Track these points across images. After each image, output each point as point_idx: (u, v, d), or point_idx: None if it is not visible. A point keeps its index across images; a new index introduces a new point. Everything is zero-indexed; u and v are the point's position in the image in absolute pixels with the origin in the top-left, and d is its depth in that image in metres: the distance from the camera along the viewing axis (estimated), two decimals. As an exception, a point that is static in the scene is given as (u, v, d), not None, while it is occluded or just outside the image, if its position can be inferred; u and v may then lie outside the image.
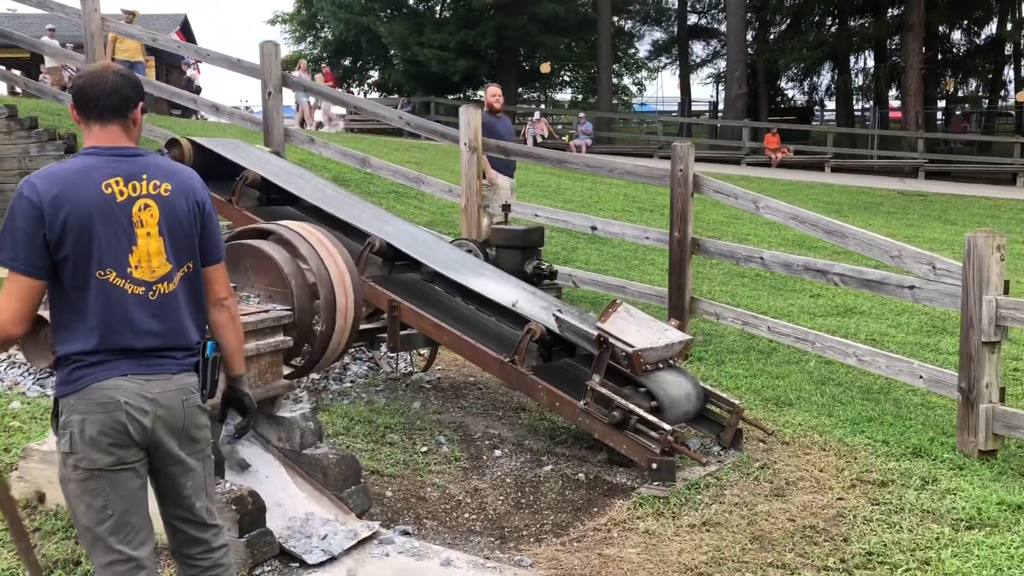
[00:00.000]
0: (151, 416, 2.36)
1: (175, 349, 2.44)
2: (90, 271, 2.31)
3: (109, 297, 2.33)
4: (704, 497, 4.18)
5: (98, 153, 2.39)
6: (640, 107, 42.52)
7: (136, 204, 2.37)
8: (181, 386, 2.44)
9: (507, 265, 5.97)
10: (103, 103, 2.39)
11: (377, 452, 4.68)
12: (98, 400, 2.31)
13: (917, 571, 3.47)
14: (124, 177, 2.37)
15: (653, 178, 7.17)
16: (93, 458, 2.31)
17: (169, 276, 2.42)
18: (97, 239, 2.31)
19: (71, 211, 2.28)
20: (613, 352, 4.56)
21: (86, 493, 2.33)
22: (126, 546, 2.35)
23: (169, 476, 2.46)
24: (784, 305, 8.67)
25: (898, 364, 5.46)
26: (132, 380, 2.35)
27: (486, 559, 3.62)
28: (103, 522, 2.33)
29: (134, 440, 2.34)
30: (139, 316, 2.36)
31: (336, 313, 4.09)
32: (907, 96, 26.09)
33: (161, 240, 2.40)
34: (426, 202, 11.76)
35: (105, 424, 2.31)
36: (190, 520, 2.52)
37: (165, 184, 2.43)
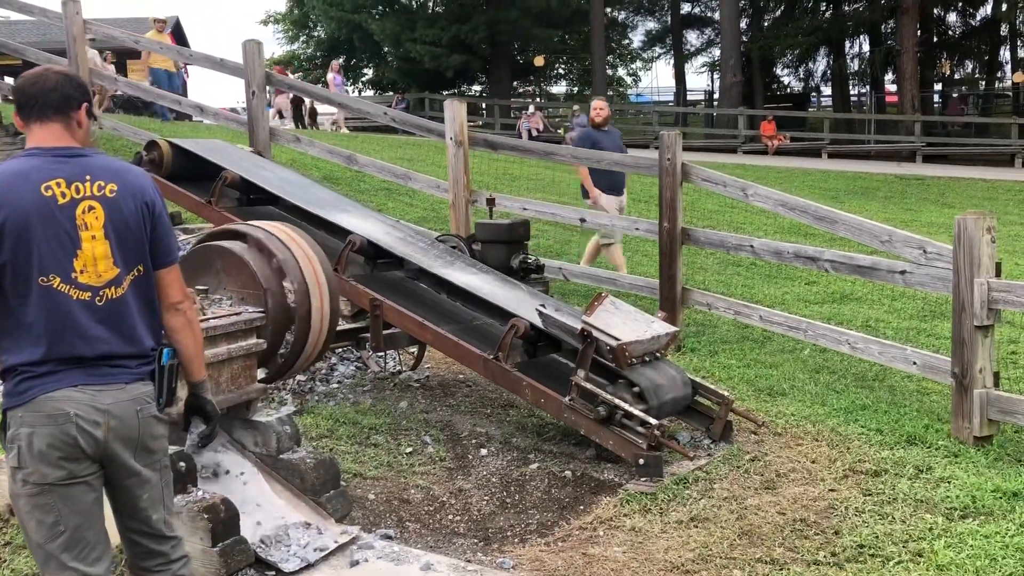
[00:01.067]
0: (103, 428, 2.28)
1: (127, 357, 2.35)
2: (31, 277, 2.23)
3: (54, 304, 2.25)
4: (692, 492, 4.09)
5: (39, 154, 2.30)
6: (636, 98, 42.36)
7: (80, 206, 2.28)
8: (135, 396, 2.35)
9: (493, 260, 5.87)
10: (42, 100, 2.31)
11: (361, 454, 4.60)
12: (47, 412, 2.23)
13: (909, 563, 3.38)
14: (67, 179, 2.28)
15: (641, 168, 7.08)
16: (43, 472, 2.23)
17: (117, 280, 2.34)
18: (37, 244, 2.22)
19: (8, 215, 2.20)
20: (598, 346, 4.47)
21: (36, 509, 2.25)
22: (80, 563, 2.27)
23: (125, 488, 2.38)
24: (779, 293, 8.58)
25: (891, 351, 5.36)
26: (83, 391, 2.27)
27: (467, 562, 3.54)
28: (55, 538, 2.25)
29: (86, 453, 2.26)
30: (87, 323, 2.28)
31: (311, 315, 4.00)
32: (903, 80, 25.94)
33: (107, 243, 2.31)
34: (417, 199, 11.66)
35: (55, 437, 2.23)
36: (147, 533, 2.45)
37: (111, 185, 2.34)
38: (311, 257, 4.10)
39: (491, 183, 12.37)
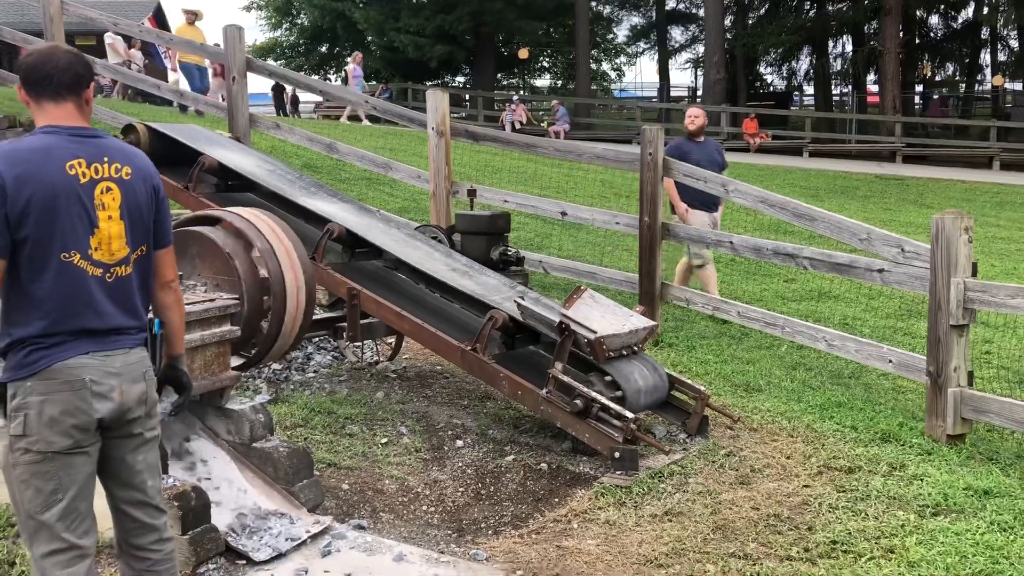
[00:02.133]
0: (117, 391, 2.35)
1: (129, 328, 2.43)
2: (52, 252, 2.27)
3: (72, 279, 2.30)
4: (667, 486, 4.09)
5: (56, 132, 2.33)
6: (619, 93, 42.39)
7: (98, 187, 2.34)
8: (139, 359, 2.45)
9: (472, 251, 5.85)
10: (56, 80, 2.34)
11: (335, 444, 4.56)
12: (63, 379, 2.28)
13: (881, 560, 3.40)
14: (86, 159, 2.34)
15: (622, 162, 7.06)
16: (50, 440, 2.27)
17: (126, 260, 2.41)
18: (60, 220, 2.27)
19: (35, 191, 2.23)
20: (576, 339, 4.46)
21: (36, 477, 2.28)
22: (71, 534, 2.31)
23: (125, 453, 2.43)
24: (757, 290, 8.61)
25: (867, 348, 5.39)
26: (94, 357, 2.34)
27: (440, 553, 3.52)
28: (51, 507, 2.29)
29: (97, 419, 2.32)
30: (100, 298, 2.35)
31: (287, 303, 3.96)
32: (885, 80, 26.10)
33: (122, 224, 2.38)
34: (398, 189, 11.60)
35: (70, 403, 2.28)
36: (142, 503, 2.47)
37: (126, 168, 2.41)
38: (286, 244, 4.06)
39: (472, 175, 12.32)
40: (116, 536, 2.49)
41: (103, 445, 2.38)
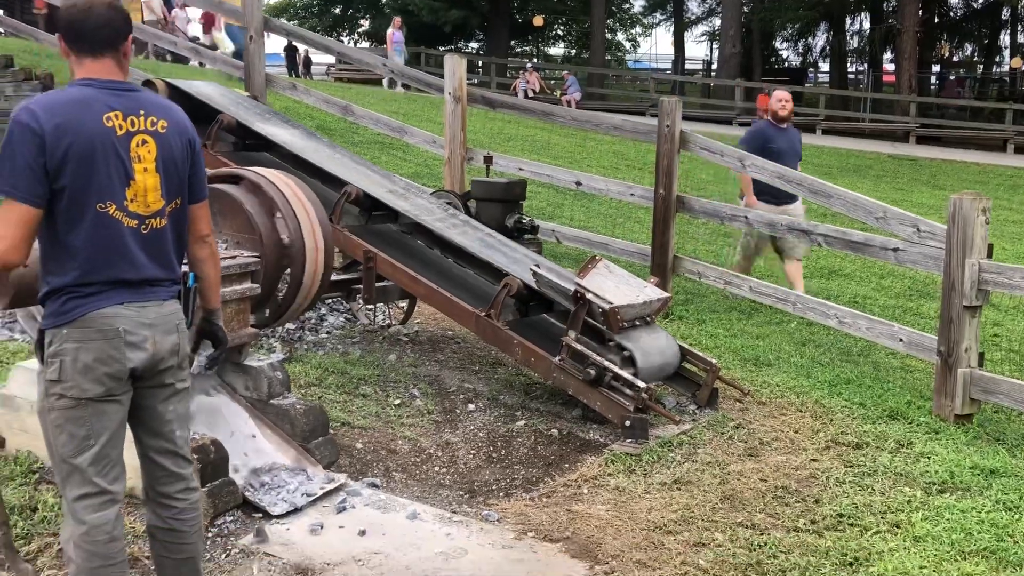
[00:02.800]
0: (150, 341, 2.38)
1: (163, 280, 2.46)
2: (88, 202, 2.29)
3: (107, 229, 2.33)
4: (677, 455, 4.14)
5: (94, 85, 2.35)
6: (633, 64, 42.07)
7: (134, 139, 2.36)
8: (173, 311, 2.48)
9: (487, 218, 5.86)
10: (95, 35, 2.36)
11: (349, 404, 4.62)
12: (97, 328, 2.32)
13: (887, 534, 3.45)
14: (123, 111, 2.36)
15: (640, 133, 7.05)
16: (84, 387, 2.31)
17: (161, 212, 2.43)
18: (97, 171, 2.29)
19: (73, 141, 2.25)
20: (590, 308, 4.49)
21: (69, 422, 2.32)
22: (102, 479, 2.36)
23: (154, 400, 2.47)
24: (767, 266, 8.62)
25: (879, 327, 5.41)
26: (129, 308, 2.37)
27: (453, 513, 3.58)
28: (83, 452, 2.33)
29: (130, 368, 2.36)
30: (134, 249, 2.37)
31: (306, 262, 3.99)
32: (902, 59, 25.84)
33: (157, 177, 2.40)
34: (411, 154, 11.60)
35: (103, 352, 2.31)
36: (170, 452, 2.52)
37: (162, 121, 2.43)
38: (307, 205, 4.08)
39: (486, 142, 12.30)
40: (144, 484, 2.54)
41: (135, 394, 2.43)
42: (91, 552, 2.31)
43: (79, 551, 2.32)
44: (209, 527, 3.26)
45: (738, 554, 3.25)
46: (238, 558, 3.13)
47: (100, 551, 2.32)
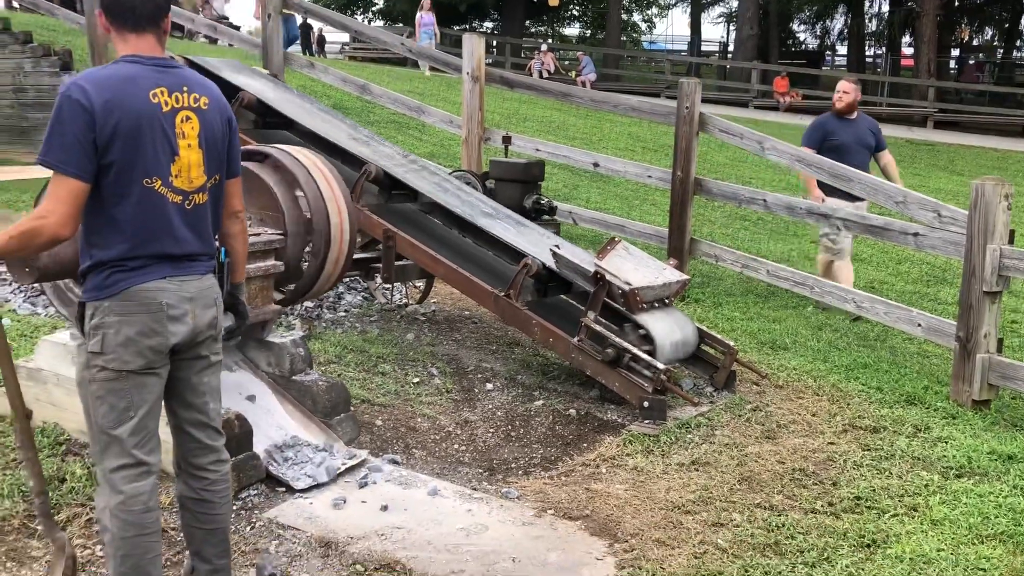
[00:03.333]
0: (190, 315, 2.43)
1: (202, 254, 2.50)
2: (135, 178, 2.33)
3: (153, 204, 2.36)
4: (694, 437, 4.17)
5: (139, 62, 2.39)
6: (649, 45, 41.82)
7: (179, 115, 2.40)
8: (210, 285, 2.53)
9: (506, 199, 5.87)
10: (138, 11, 2.39)
11: (369, 381, 4.65)
12: (140, 301, 2.36)
13: (905, 517, 3.47)
14: (168, 88, 2.39)
15: (658, 115, 7.03)
16: (125, 360, 2.35)
17: (203, 187, 2.48)
18: (144, 147, 2.32)
19: (122, 117, 2.28)
20: (610, 289, 4.51)
21: (110, 394, 2.37)
22: (140, 450, 2.40)
23: (190, 372, 2.51)
24: (784, 250, 8.61)
25: (897, 312, 5.41)
26: (171, 282, 2.41)
27: (473, 490, 3.61)
28: (123, 423, 2.37)
29: (171, 341, 2.40)
30: (178, 224, 2.41)
31: (330, 240, 4.01)
32: (921, 43, 25.60)
33: (200, 153, 2.44)
34: (427, 133, 11.59)
35: (146, 325, 2.36)
36: (203, 424, 2.56)
37: (204, 98, 2.47)
38: (332, 184, 4.10)
39: (501, 122, 12.28)
40: (175, 456, 2.59)
41: (171, 367, 2.47)
42: (127, 521, 2.36)
43: (115, 520, 2.37)
44: (234, 500, 3.30)
45: (756, 534, 3.28)
46: (262, 530, 3.18)
47: (136, 520, 2.37)
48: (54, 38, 11.30)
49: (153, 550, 2.41)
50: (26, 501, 3.25)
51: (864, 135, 6.61)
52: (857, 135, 6.56)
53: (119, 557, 2.37)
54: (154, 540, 2.42)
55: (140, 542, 2.37)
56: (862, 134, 6.60)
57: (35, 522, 3.13)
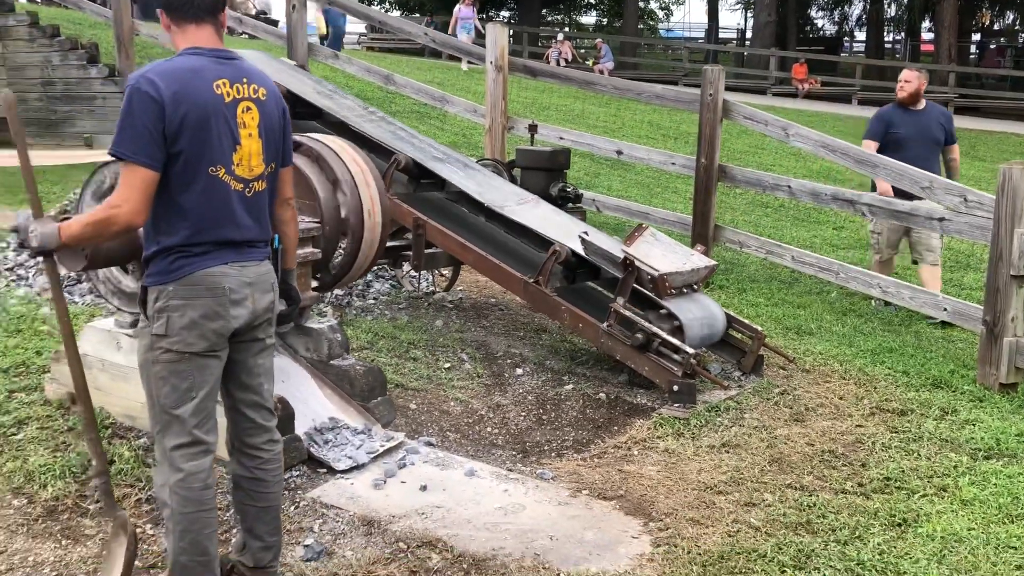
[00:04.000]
0: (250, 300, 2.51)
1: (260, 241, 2.59)
2: (201, 166, 2.40)
3: (217, 192, 2.44)
4: (724, 420, 4.23)
5: (201, 54, 2.47)
6: (666, 33, 41.65)
7: (240, 106, 2.48)
8: (268, 270, 2.61)
9: (532, 187, 5.93)
10: (198, 4, 2.47)
11: (401, 367, 4.74)
12: (206, 286, 2.44)
13: (934, 497, 3.52)
14: (230, 79, 2.47)
15: (682, 102, 7.06)
16: (189, 342, 2.43)
17: (262, 175, 2.56)
18: (210, 137, 2.40)
19: (190, 108, 2.36)
20: (638, 275, 4.56)
21: (173, 375, 2.44)
22: (199, 430, 2.49)
23: (247, 354, 2.59)
24: (807, 236, 8.63)
25: (922, 296, 5.44)
26: (233, 267, 2.50)
27: (509, 471, 3.69)
28: (184, 403, 2.46)
29: (232, 325, 2.48)
30: (239, 211, 2.49)
31: (364, 228, 4.09)
32: (941, 28, 25.41)
33: (260, 142, 2.53)
34: (448, 123, 11.65)
35: (210, 309, 2.44)
36: (258, 404, 2.65)
37: (262, 89, 2.55)
38: (366, 172, 4.17)
39: (521, 111, 12.32)
40: (229, 436, 2.67)
41: (229, 349, 2.55)
42: (187, 498, 2.45)
43: (175, 497, 2.45)
44: (277, 481, 3.40)
45: (788, 513, 3.34)
46: (306, 510, 3.27)
47: (195, 497, 2.45)
48: (81, 32, 11.42)
49: (210, 525, 2.50)
50: (77, 482, 3.36)
51: (930, 127, 6.24)
52: (921, 127, 6.20)
53: (178, 532, 2.46)
54: (211, 516, 2.50)
55: (199, 518, 2.46)
56: (928, 126, 6.24)
57: (90, 501, 3.24)
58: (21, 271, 5.82)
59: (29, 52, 9.92)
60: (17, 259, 6.01)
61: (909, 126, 6.21)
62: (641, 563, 3.00)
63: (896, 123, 6.26)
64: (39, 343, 4.55)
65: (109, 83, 9.70)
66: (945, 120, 6.41)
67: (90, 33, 11.61)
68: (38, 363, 4.30)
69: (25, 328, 4.78)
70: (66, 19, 12.13)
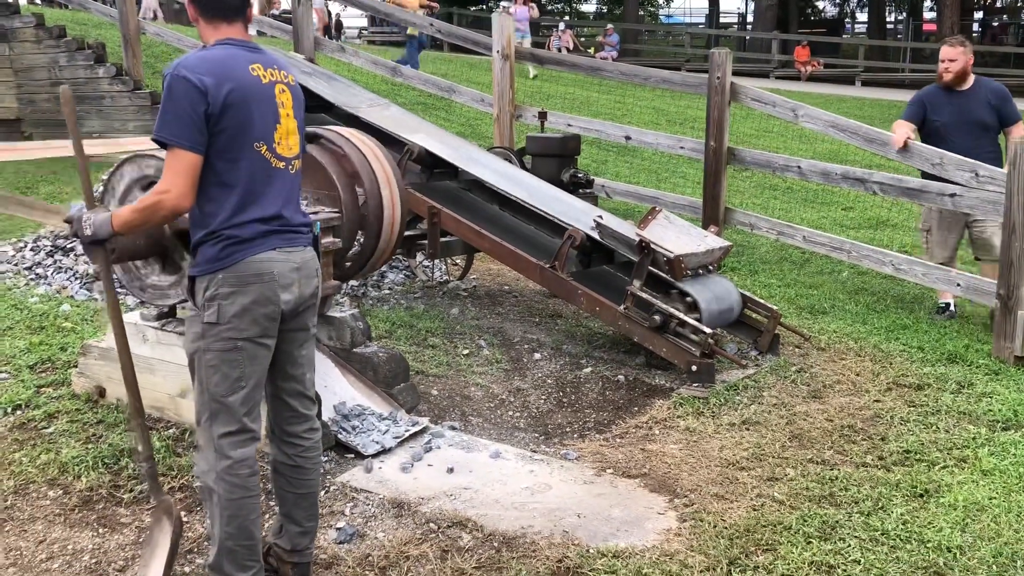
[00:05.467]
0: (297, 285, 2.55)
1: (302, 224, 2.63)
2: (246, 142, 2.44)
3: (261, 167, 2.49)
4: (743, 398, 4.27)
5: (234, 44, 2.53)
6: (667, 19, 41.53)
7: (277, 87, 2.54)
8: (312, 256, 2.65)
9: (543, 173, 5.96)
10: (230, 4, 2.53)
11: (420, 354, 4.79)
12: (254, 272, 2.46)
13: (954, 468, 3.56)
14: (262, 64, 2.53)
15: (689, 86, 7.09)
16: (241, 328, 2.46)
17: (299, 155, 2.63)
18: (252, 113, 2.44)
19: (233, 88, 2.40)
20: (654, 258, 4.60)
21: (224, 363, 2.47)
22: (247, 418, 2.52)
23: (292, 344, 2.63)
24: (816, 217, 8.65)
25: (935, 272, 5.47)
26: (280, 252, 2.51)
27: (533, 452, 3.74)
28: (235, 392, 2.48)
29: (282, 310, 2.51)
30: (283, 190, 2.54)
31: (383, 217, 4.14)
32: (943, 6, 25.35)
33: (295, 122, 2.58)
34: (454, 114, 11.69)
35: (260, 294, 2.47)
36: (299, 393, 2.68)
37: (290, 76, 2.62)
38: (382, 162, 4.22)
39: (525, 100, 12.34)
40: (270, 423, 2.70)
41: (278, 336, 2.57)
42: (234, 484, 2.47)
43: (222, 484, 2.48)
44: (306, 467, 3.45)
45: (811, 487, 3.39)
46: (337, 494, 3.32)
47: (242, 484, 2.48)
48: (86, 32, 11.47)
49: (256, 511, 2.54)
50: (110, 472, 3.42)
51: (976, 110, 5.45)
52: (964, 112, 5.45)
53: (225, 517, 2.49)
54: (257, 502, 2.54)
55: (245, 504, 2.49)
56: (970, 109, 5.45)
57: (124, 491, 3.30)
58: (40, 270, 5.88)
59: (36, 53, 9.97)
60: (35, 258, 6.08)
61: (947, 112, 5.49)
62: (668, 538, 3.05)
63: (935, 107, 5.55)
64: (62, 339, 4.61)
65: (117, 82, 9.74)
66: (997, 98, 5.50)
67: (96, 33, 11.66)
68: (63, 359, 4.36)
69: (48, 325, 4.84)
70: (72, 20, 12.18)
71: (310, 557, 2.79)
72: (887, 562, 2.89)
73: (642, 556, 2.92)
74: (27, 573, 2.86)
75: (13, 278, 5.76)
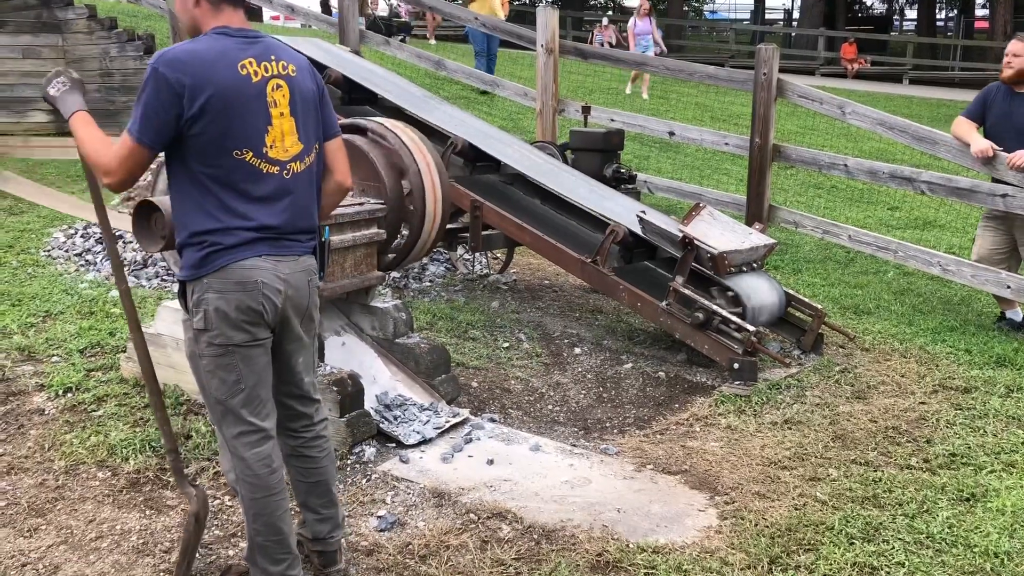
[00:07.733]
0: (282, 295, 2.45)
1: (301, 232, 2.51)
2: (225, 151, 2.34)
3: (245, 174, 2.37)
4: (785, 397, 4.23)
5: (229, 34, 2.41)
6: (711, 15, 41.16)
7: (269, 84, 2.40)
8: (306, 267, 2.53)
9: (586, 168, 5.95)
10: None
11: (461, 346, 4.81)
12: (236, 279, 2.37)
13: (1002, 472, 3.50)
14: (256, 58, 2.40)
15: (735, 82, 7.01)
16: (228, 335, 2.39)
17: (300, 156, 2.47)
18: (232, 121, 2.33)
19: (212, 93, 2.29)
20: (697, 254, 4.57)
21: (220, 368, 2.43)
22: (255, 417, 2.48)
23: (286, 353, 2.58)
24: (861, 217, 8.54)
25: (984, 274, 5.37)
26: (267, 260, 2.41)
27: (573, 446, 3.74)
28: (236, 395, 2.44)
29: (266, 320, 2.43)
30: (273, 192, 2.41)
31: (426, 210, 4.16)
32: (996, 4, 24.79)
33: (293, 120, 2.45)
34: (496, 109, 11.70)
35: (242, 302, 2.38)
36: (297, 395, 2.66)
37: (292, 65, 2.48)
38: (427, 156, 4.24)
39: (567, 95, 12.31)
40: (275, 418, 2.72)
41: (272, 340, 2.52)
42: (254, 484, 2.46)
43: (243, 484, 2.48)
44: (348, 455, 3.49)
45: (854, 488, 3.35)
46: (378, 482, 3.35)
47: (262, 483, 2.47)
48: (137, 23, 11.67)
49: (281, 507, 2.52)
50: (157, 455, 3.48)
51: None
52: (1015, 116, 5.14)
53: (252, 515, 2.49)
54: (281, 498, 2.51)
55: (269, 502, 2.48)
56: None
57: (169, 474, 3.36)
58: (89, 256, 6.00)
59: (88, 44, 10.14)
60: (85, 244, 6.20)
61: (1000, 114, 5.19)
62: (709, 535, 3.03)
63: (992, 106, 5.24)
64: (111, 324, 4.70)
65: (165, 73, 9.88)
66: None
67: (146, 24, 11.86)
68: (112, 343, 4.45)
69: (97, 311, 4.94)
70: (123, 11, 12.41)
71: (335, 545, 2.76)
72: (932, 566, 2.85)
73: (682, 552, 2.91)
74: (77, 551, 2.93)
75: (64, 264, 5.89)
